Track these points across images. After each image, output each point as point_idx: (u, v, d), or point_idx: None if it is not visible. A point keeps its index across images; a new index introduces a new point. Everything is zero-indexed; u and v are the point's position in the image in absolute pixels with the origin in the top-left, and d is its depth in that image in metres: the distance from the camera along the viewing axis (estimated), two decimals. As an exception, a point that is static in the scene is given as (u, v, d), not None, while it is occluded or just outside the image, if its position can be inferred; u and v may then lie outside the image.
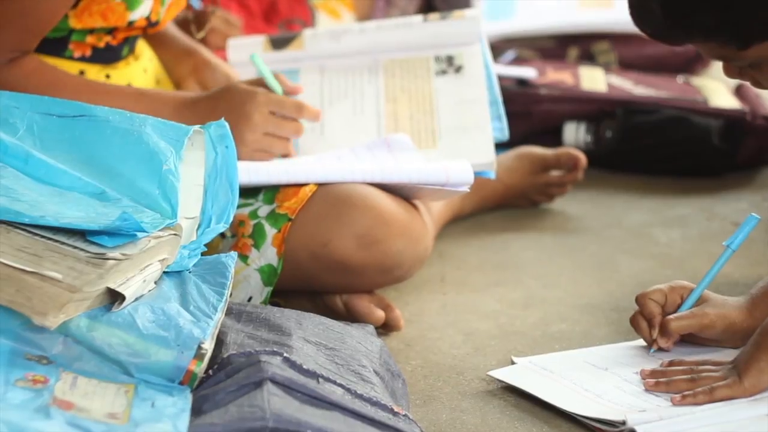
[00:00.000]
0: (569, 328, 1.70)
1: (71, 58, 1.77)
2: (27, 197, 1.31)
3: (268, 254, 1.65)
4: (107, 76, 1.80)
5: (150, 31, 1.83)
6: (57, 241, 1.24)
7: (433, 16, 2.01)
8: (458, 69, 1.95)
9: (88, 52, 1.78)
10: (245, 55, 1.95)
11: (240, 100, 1.72)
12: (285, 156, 1.76)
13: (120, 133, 1.44)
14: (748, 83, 2.39)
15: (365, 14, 3.03)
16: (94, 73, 1.79)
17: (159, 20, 1.80)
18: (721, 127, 2.36)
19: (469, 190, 1.71)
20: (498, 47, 2.94)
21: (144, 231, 1.27)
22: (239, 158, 1.64)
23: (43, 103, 1.48)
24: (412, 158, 1.77)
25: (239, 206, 1.65)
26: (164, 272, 1.35)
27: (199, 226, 1.45)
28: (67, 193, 1.36)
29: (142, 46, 1.90)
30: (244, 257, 1.65)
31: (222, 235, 1.65)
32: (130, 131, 1.44)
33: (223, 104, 1.72)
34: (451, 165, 1.69)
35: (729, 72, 1.45)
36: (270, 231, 1.65)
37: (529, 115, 2.46)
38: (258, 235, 1.65)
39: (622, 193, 2.26)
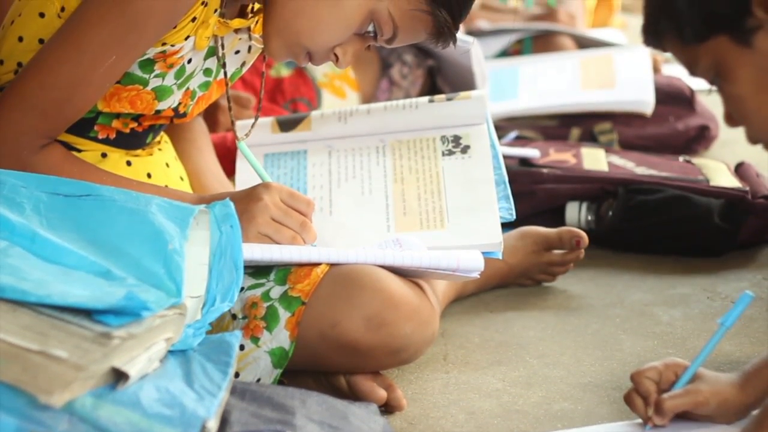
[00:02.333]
0: (572, 406, 1.70)
1: (95, 139, 1.79)
2: (33, 276, 1.32)
3: (280, 337, 1.65)
4: (128, 163, 1.83)
5: (176, 121, 1.85)
6: (63, 319, 1.25)
7: (440, 97, 2.03)
8: (465, 149, 1.96)
9: (113, 135, 1.80)
10: (253, 138, 1.97)
11: (254, 188, 1.75)
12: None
13: (126, 213, 1.45)
14: (747, 163, 2.40)
15: (369, 94, 3.06)
16: (116, 158, 1.81)
17: (187, 112, 1.83)
18: (722, 206, 2.37)
19: (479, 277, 1.72)
20: (501, 127, 2.97)
21: (149, 310, 1.28)
22: (246, 240, 1.66)
23: (49, 183, 1.49)
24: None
25: (251, 287, 1.66)
26: (169, 351, 1.36)
27: (204, 305, 1.46)
28: (73, 272, 1.37)
29: (169, 147, 1.93)
30: (255, 339, 1.65)
31: (233, 316, 1.66)
32: (136, 211, 1.45)
33: (238, 193, 1.75)
34: (462, 253, 1.70)
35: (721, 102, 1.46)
36: (284, 314, 1.65)
37: (532, 195, 2.48)
38: (271, 318, 1.65)
39: (623, 272, 2.27)
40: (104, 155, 1.80)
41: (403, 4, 1.72)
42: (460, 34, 1.83)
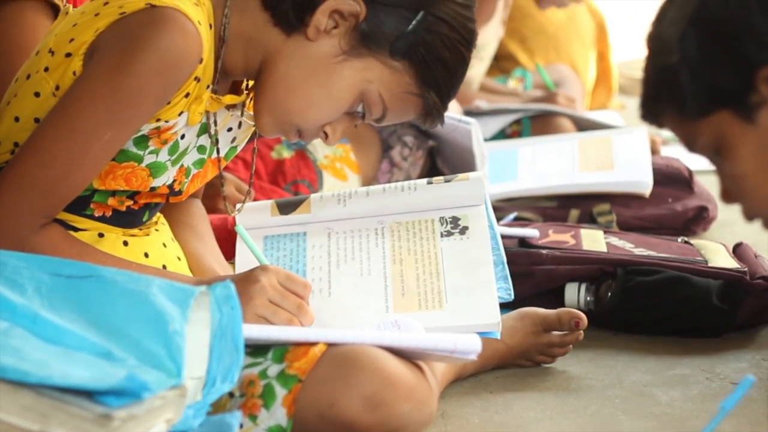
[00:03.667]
0: (571, 488, 1.70)
1: (91, 216, 1.81)
2: (34, 357, 1.32)
3: (277, 415, 1.65)
4: (125, 243, 1.84)
5: (172, 199, 1.87)
6: (64, 400, 1.25)
7: (438, 179, 2.04)
8: (463, 230, 1.97)
9: (109, 213, 1.82)
10: (253, 221, 1.99)
11: (251, 270, 1.77)
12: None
13: (127, 294, 1.46)
14: (745, 243, 2.41)
15: (370, 176, 3.08)
16: (113, 238, 1.82)
17: (182, 190, 1.85)
18: (721, 287, 2.37)
19: (476, 359, 1.73)
20: (500, 208, 2.99)
21: (150, 391, 1.28)
22: (244, 321, 1.67)
23: (51, 264, 1.50)
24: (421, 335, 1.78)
25: (248, 365, 1.67)
26: (169, 432, 1.36)
27: (205, 385, 1.47)
28: (74, 352, 1.37)
29: (166, 228, 1.94)
30: (253, 417, 1.65)
31: (230, 394, 1.66)
32: (137, 292, 1.46)
33: (236, 276, 1.76)
34: (460, 336, 1.70)
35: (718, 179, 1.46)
36: (280, 392, 1.66)
37: (531, 276, 2.48)
38: (268, 396, 1.66)
39: (623, 353, 2.27)
40: (101, 235, 1.82)
41: (393, 86, 1.76)
42: (461, 116, 1.86)
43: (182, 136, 1.79)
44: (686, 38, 1.39)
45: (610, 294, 2.40)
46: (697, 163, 1.71)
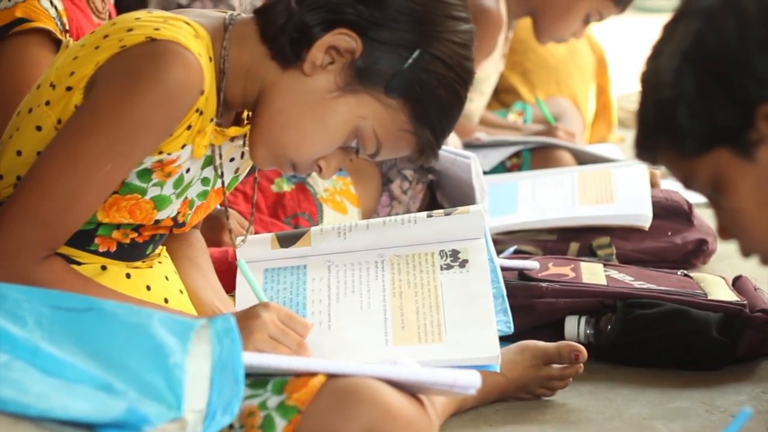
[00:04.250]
0: None
1: (95, 252, 1.81)
2: (35, 390, 1.33)
3: (277, 446, 1.66)
4: (128, 275, 1.84)
5: (176, 231, 1.88)
6: (64, 433, 1.26)
7: (438, 212, 2.05)
8: (463, 263, 1.98)
9: (113, 248, 1.82)
10: (253, 254, 2.00)
11: (252, 307, 1.78)
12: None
13: (127, 327, 1.46)
14: (744, 276, 2.41)
15: (370, 209, 3.08)
16: (116, 270, 1.83)
17: (185, 222, 1.85)
18: (721, 320, 2.38)
19: (476, 393, 1.73)
20: (500, 241, 2.99)
21: (150, 423, 1.29)
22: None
23: (51, 297, 1.51)
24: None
25: (248, 397, 1.67)
26: (169, 464, 1.36)
27: (205, 418, 1.47)
28: (74, 385, 1.38)
29: (168, 261, 1.95)
30: (253, 447, 1.66)
31: (230, 425, 1.66)
32: (137, 325, 1.47)
33: (237, 313, 1.77)
34: (460, 371, 1.70)
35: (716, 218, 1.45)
36: (280, 423, 1.66)
37: (531, 309, 2.49)
38: (268, 427, 1.66)
39: (623, 386, 2.27)
40: (104, 268, 1.82)
41: (388, 123, 1.77)
42: (460, 150, 1.87)
43: (187, 170, 1.80)
44: (683, 75, 1.38)
45: (609, 327, 2.41)
46: (697, 197, 1.71)
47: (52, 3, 2.32)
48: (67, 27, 2.35)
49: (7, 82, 2.24)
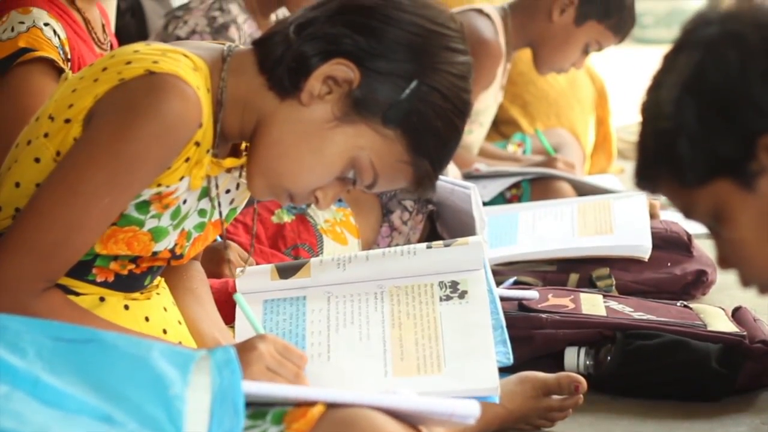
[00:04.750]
0: None
1: (93, 282, 1.81)
2: (35, 421, 1.33)
3: (276, 476, 1.65)
4: (126, 307, 1.84)
5: (174, 263, 1.88)
6: (64, 464, 1.26)
7: (437, 243, 2.06)
8: (462, 294, 1.98)
9: (111, 278, 1.82)
10: (253, 285, 2.00)
11: (250, 339, 1.78)
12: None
13: (127, 358, 1.46)
14: (744, 307, 2.41)
15: (370, 240, 3.08)
16: (114, 302, 1.83)
17: (183, 254, 1.86)
18: (720, 351, 2.38)
19: (475, 423, 1.73)
20: (500, 272, 2.99)
21: (149, 455, 1.29)
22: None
23: (52, 328, 1.51)
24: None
25: (247, 428, 1.67)
26: (168, 496, 1.36)
27: (204, 450, 1.47)
28: (74, 416, 1.38)
29: (167, 292, 1.95)
30: (252, 477, 1.66)
31: (230, 456, 1.67)
32: (138, 356, 1.47)
33: (235, 345, 1.77)
34: (458, 401, 1.70)
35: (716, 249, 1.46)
36: (279, 453, 1.66)
37: (530, 340, 2.49)
38: (268, 457, 1.66)
39: (622, 417, 2.27)
40: (102, 299, 1.82)
41: (385, 154, 1.77)
42: (459, 180, 1.87)
43: (184, 201, 1.80)
44: (684, 106, 1.39)
45: (609, 358, 2.41)
46: (696, 228, 1.72)
47: (55, 32, 2.33)
48: (69, 56, 2.36)
49: (12, 111, 2.25)
